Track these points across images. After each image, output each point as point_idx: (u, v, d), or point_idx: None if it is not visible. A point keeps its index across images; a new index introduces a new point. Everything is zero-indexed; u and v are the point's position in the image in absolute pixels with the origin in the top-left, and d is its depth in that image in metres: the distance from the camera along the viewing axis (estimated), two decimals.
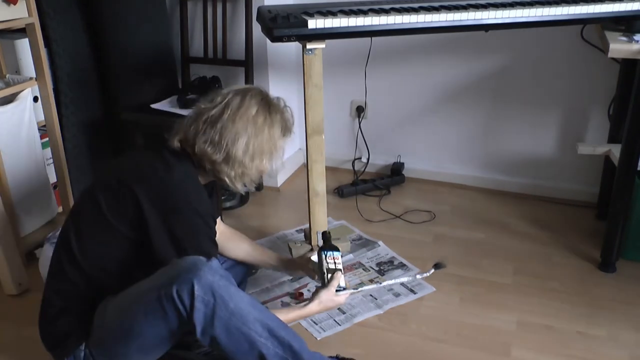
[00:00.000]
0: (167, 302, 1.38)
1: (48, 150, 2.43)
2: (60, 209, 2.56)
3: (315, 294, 1.74)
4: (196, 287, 1.37)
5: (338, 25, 1.94)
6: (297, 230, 2.59)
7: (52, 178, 2.48)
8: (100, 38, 2.62)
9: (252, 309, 1.44)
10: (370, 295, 2.15)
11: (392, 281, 2.12)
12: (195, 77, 2.74)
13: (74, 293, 1.56)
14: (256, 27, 2.42)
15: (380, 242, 2.48)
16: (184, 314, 1.39)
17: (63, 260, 1.56)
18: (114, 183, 1.53)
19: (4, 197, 2.19)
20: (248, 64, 2.72)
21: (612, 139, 2.51)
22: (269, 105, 1.60)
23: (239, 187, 1.61)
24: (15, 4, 2.08)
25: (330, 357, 1.75)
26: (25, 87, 2.27)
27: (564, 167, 2.81)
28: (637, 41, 2.02)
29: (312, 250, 2.12)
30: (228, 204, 2.79)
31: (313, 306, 1.72)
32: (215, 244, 1.60)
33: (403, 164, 3.07)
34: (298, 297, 2.16)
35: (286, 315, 1.65)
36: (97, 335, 1.51)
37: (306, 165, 2.17)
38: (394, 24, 1.97)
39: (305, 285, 2.21)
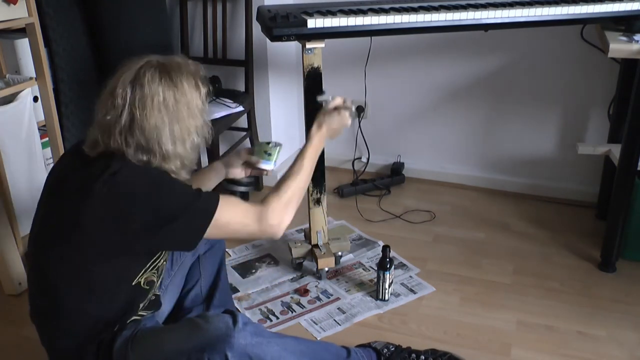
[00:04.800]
0: None
1: (48, 150, 2.43)
2: None
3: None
4: (230, 356, 1.37)
5: (337, 25, 1.94)
6: (297, 230, 2.59)
7: None
8: (100, 38, 2.61)
9: (287, 354, 1.47)
10: (370, 296, 2.16)
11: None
12: None
13: (84, 337, 1.45)
14: (256, 27, 2.42)
15: (380, 242, 2.48)
16: None
17: (65, 323, 1.44)
18: (66, 225, 1.37)
19: (4, 197, 2.19)
20: (248, 63, 2.72)
21: (612, 139, 2.51)
22: (169, 74, 1.40)
23: (184, 175, 1.46)
24: (15, 4, 2.08)
25: (362, 346, 1.82)
26: (25, 87, 2.27)
27: (564, 167, 2.81)
28: (637, 41, 2.02)
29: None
30: None
31: (316, 130, 1.69)
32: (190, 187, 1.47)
33: (403, 164, 3.06)
34: (303, 294, 2.17)
35: (301, 163, 1.60)
36: None
37: None
38: (394, 23, 1.97)
39: (306, 285, 2.22)
